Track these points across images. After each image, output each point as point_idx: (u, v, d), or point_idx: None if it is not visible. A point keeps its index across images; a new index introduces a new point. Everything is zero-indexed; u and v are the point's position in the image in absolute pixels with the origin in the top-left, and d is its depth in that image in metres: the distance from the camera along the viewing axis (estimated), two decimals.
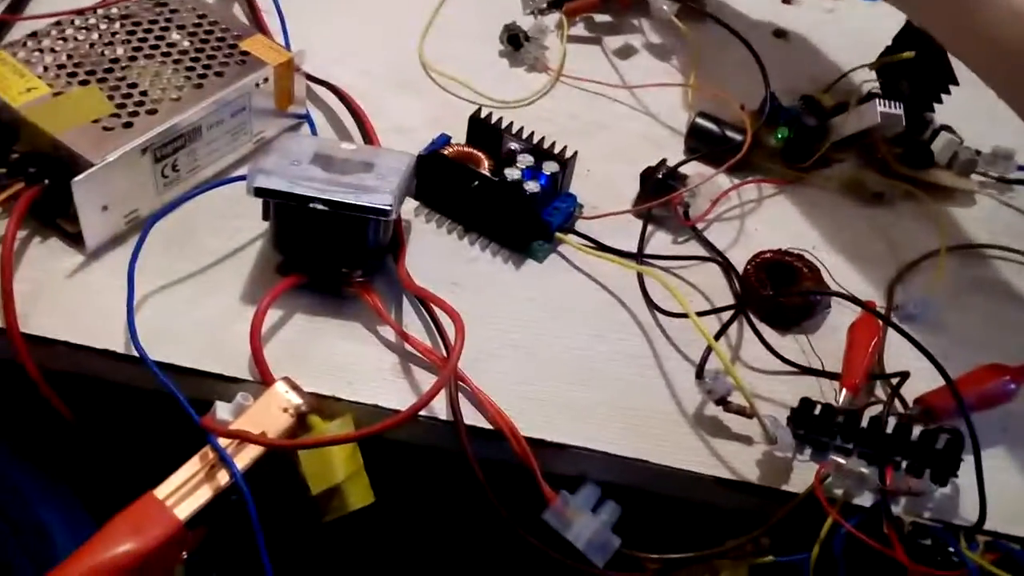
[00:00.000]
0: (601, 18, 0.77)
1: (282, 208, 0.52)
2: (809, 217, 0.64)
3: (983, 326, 0.59)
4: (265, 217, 0.52)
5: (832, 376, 0.54)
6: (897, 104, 0.62)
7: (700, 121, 0.66)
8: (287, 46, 0.66)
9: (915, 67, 0.66)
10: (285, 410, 0.48)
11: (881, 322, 0.55)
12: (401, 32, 0.73)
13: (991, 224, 0.66)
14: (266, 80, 0.58)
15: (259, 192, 0.51)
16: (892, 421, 0.50)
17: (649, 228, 0.61)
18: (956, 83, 0.66)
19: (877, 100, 0.61)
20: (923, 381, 0.53)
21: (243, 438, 0.45)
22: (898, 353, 0.55)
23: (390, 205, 0.50)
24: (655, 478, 0.50)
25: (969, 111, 0.71)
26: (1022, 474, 0.52)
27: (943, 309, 0.59)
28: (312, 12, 0.72)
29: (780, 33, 0.79)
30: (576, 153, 0.60)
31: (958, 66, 0.67)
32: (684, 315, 0.54)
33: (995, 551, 0.48)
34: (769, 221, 0.63)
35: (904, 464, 0.48)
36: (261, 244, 0.55)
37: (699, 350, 0.53)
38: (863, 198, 0.65)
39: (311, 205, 0.50)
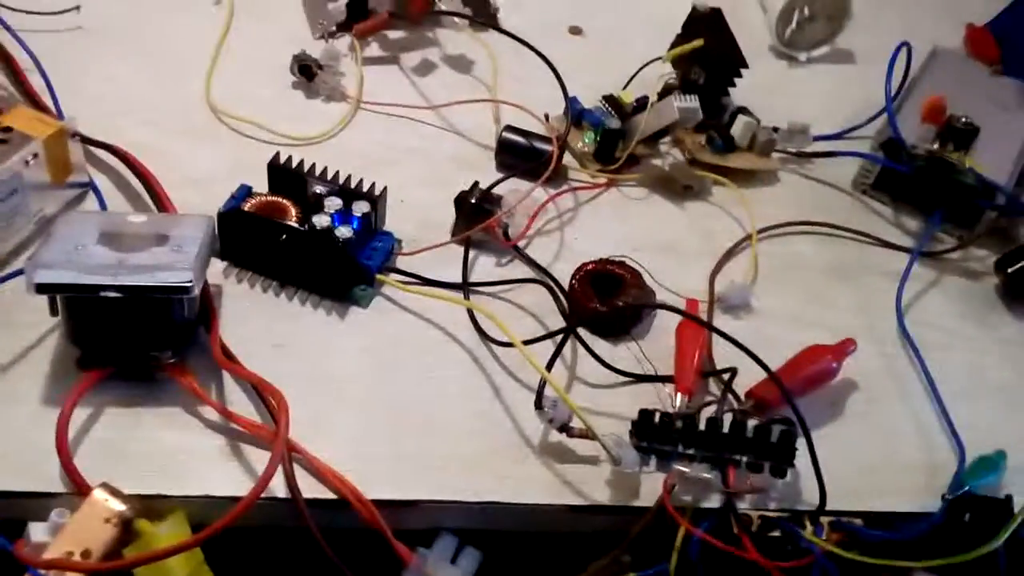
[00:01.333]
0: (395, 35, 0.75)
1: (72, 300, 0.48)
2: (626, 219, 0.65)
3: (804, 303, 0.61)
4: (53, 312, 0.48)
5: (667, 380, 0.54)
6: (692, 96, 0.63)
7: (507, 136, 0.65)
8: (57, 110, 0.61)
9: (706, 54, 0.68)
10: (108, 520, 0.44)
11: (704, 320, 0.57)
12: (184, 75, 0.68)
13: (797, 199, 0.68)
14: (35, 156, 0.53)
15: (41, 289, 0.46)
16: (729, 418, 0.51)
17: (472, 253, 0.60)
18: (746, 66, 0.68)
19: (673, 95, 0.62)
20: (756, 371, 0.53)
21: (62, 567, 0.41)
22: (729, 345, 0.57)
23: (190, 281, 0.47)
24: (508, 517, 0.49)
25: (762, 90, 0.74)
26: (856, 449, 0.54)
27: (763, 293, 0.61)
28: (82, 63, 0.67)
29: (576, 30, 0.79)
30: (386, 188, 0.58)
31: (747, 46, 0.70)
32: (531, 343, 0.53)
33: (840, 530, 0.50)
34: (589, 229, 0.64)
35: (744, 461, 0.50)
36: (56, 338, 0.51)
37: (537, 377, 0.53)
38: (675, 192, 0.66)
39: (102, 294, 0.46)
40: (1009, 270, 0.62)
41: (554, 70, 0.67)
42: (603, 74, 0.73)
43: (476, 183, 0.61)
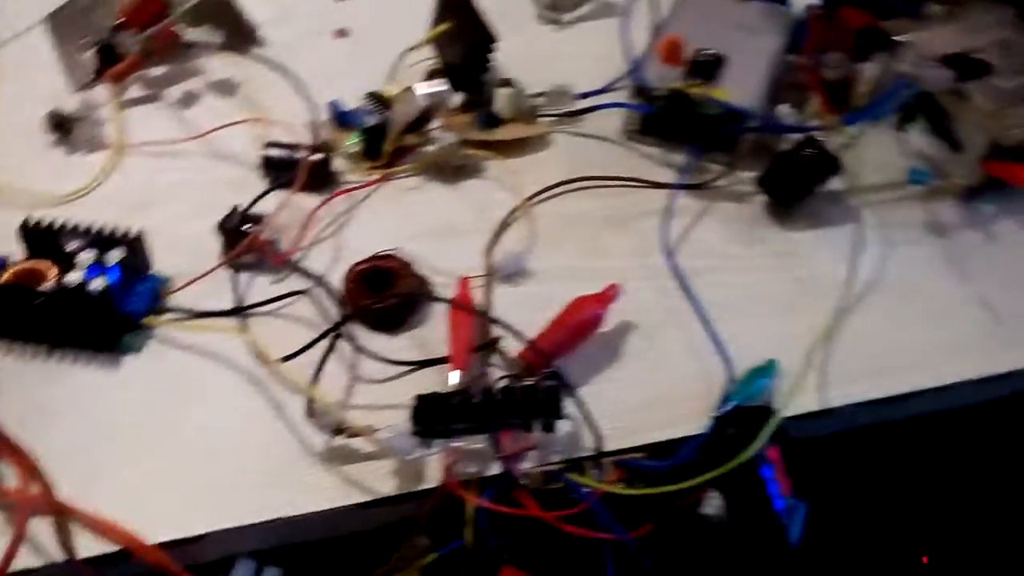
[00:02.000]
0: (157, 71, 0.74)
1: None
2: (403, 211, 0.66)
3: (581, 257, 0.63)
4: None
5: (443, 361, 0.56)
6: (441, 79, 0.64)
7: (268, 152, 0.65)
8: None
9: (458, 35, 0.69)
10: None
11: (472, 296, 0.58)
12: None
13: (571, 158, 0.69)
14: None
15: None
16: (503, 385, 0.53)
17: (247, 276, 0.61)
18: (496, 40, 0.69)
19: (416, 84, 0.63)
20: (533, 333, 0.56)
21: None
22: (505, 313, 0.58)
23: None
24: (302, 529, 0.50)
25: (531, 58, 0.75)
26: (637, 386, 0.56)
27: (541, 256, 0.63)
28: None
29: (342, 32, 0.79)
30: (141, 232, 0.58)
31: (513, 17, 0.70)
32: (293, 356, 0.55)
33: (621, 467, 0.52)
34: (365, 229, 0.64)
35: (516, 424, 0.51)
36: None
37: (322, 385, 0.54)
38: (449, 175, 0.68)
39: None
40: (767, 185, 0.64)
41: (302, 81, 0.68)
42: (372, 72, 0.73)
43: (235, 207, 0.61)
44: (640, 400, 0.55)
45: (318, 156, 0.65)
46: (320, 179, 0.65)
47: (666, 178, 0.67)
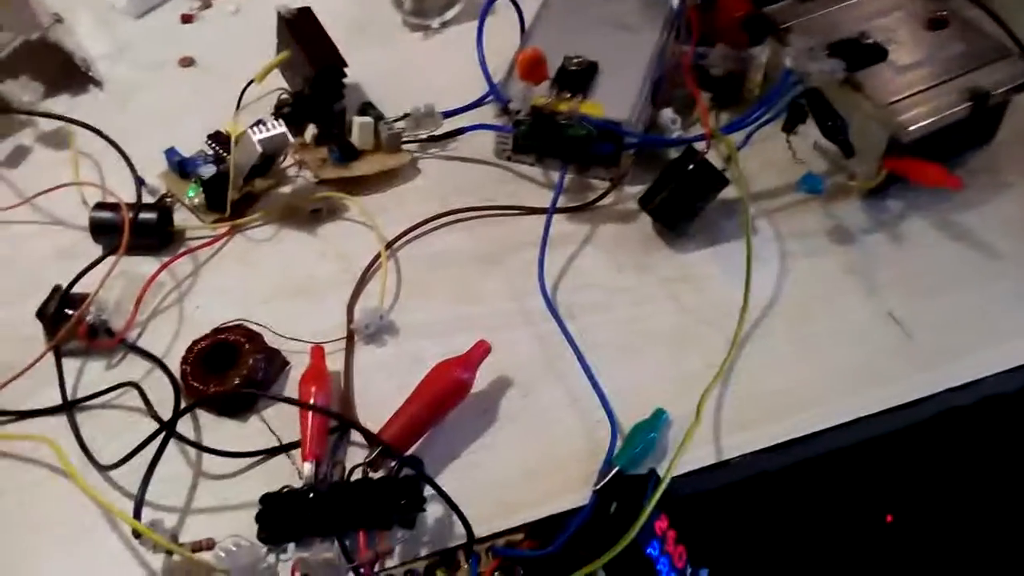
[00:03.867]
0: None
1: None
2: (254, 267, 0.59)
3: (452, 304, 0.57)
4: None
5: (295, 447, 0.50)
6: (276, 120, 0.57)
7: (95, 216, 0.58)
8: None
9: (305, 61, 0.62)
10: None
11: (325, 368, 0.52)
12: None
13: (442, 187, 0.63)
14: None
15: None
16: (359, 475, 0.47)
17: (78, 362, 0.54)
18: (345, 64, 0.62)
19: (251, 128, 0.56)
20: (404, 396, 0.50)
21: None
22: (370, 378, 0.53)
23: None
24: None
25: (399, 73, 0.69)
26: (514, 454, 0.50)
27: (407, 308, 0.57)
28: None
29: (187, 61, 0.72)
30: None
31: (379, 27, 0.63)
32: (117, 465, 0.49)
33: (497, 555, 0.47)
34: (212, 291, 0.58)
35: (371, 522, 0.45)
36: None
37: (164, 495, 0.48)
38: (303, 221, 0.61)
39: None
40: (650, 207, 0.59)
41: (106, 138, 0.62)
42: (220, 105, 0.66)
43: (57, 287, 0.55)
44: (517, 472, 0.50)
45: (149, 214, 0.58)
46: (159, 239, 0.59)
47: (546, 201, 0.61)
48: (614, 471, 0.48)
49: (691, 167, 0.56)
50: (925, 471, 0.57)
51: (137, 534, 0.45)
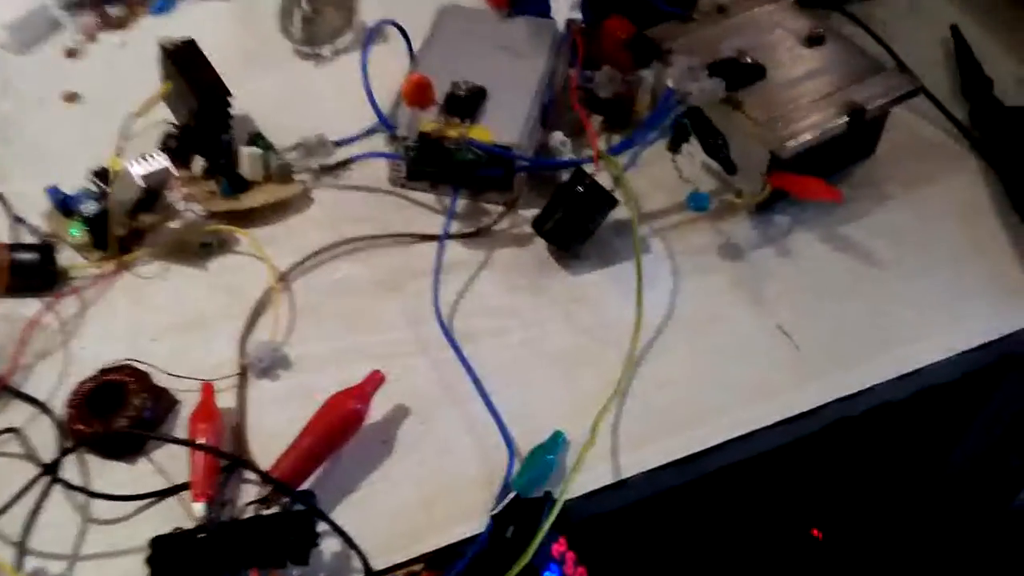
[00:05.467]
0: None
1: None
2: (143, 304, 0.58)
3: (347, 334, 0.57)
4: None
5: (185, 488, 0.49)
6: (158, 154, 0.56)
7: None
8: None
9: (187, 92, 0.61)
10: None
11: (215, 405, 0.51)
12: None
13: (336, 216, 0.63)
14: None
15: None
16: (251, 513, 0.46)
17: None
18: (229, 94, 0.61)
19: (131, 162, 0.55)
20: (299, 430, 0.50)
21: None
22: (263, 413, 0.52)
23: None
24: None
25: (291, 102, 0.68)
26: (413, 484, 0.50)
27: (303, 339, 0.56)
28: None
29: (71, 96, 0.70)
30: None
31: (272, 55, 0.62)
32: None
33: None
34: (99, 331, 0.56)
35: (265, 562, 0.45)
36: None
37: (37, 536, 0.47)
38: (193, 255, 0.60)
39: None
40: (542, 229, 0.59)
41: (22, 161, 0.61)
42: (105, 140, 0.64)
43: None
44: (415, 500, 0.49)
45: (29, 254, 0.56)
46: (43, 279, 0.57)
47: (441, 228, 0.61)
48: (511, 496, 0.47)
49: (580, 189, 0.57)
50: (822, 481, 0.59)
51: None
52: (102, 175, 0.60)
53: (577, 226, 0.58)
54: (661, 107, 0.58)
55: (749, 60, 0.61)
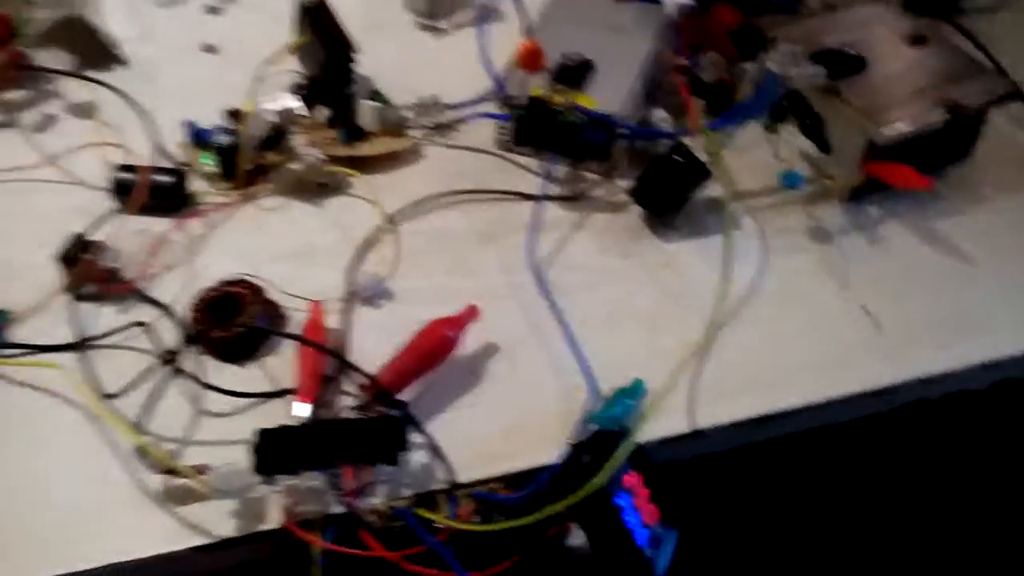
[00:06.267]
0: (13, 95, 0.71)
1: None
2: (262, 232, 0.63)
3: (448, 276, 0.60)
4: None
5: (290, 392, 0.53)
6: (293, 95, 0.61)
7: (118, 176, 0.62)
8: None
9: (318, 47, 0.66)
10: None
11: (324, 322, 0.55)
12: None
13: (442, 172, 0.67)
14: None
15: None
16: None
17: (93, 306, 0.57)
18: (354, 51, 0.66)
19: (264, 100, 0.60)
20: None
21: None
22: (365, 337, 0.56)
23: None
24: (140, 573, 0.47)
25: (408, 68, 0.73)
26: (497, 412, 0.53)
27: (406, 275, 0.60)
28: None
29: (209, 48, 0.76)
30: None
31: (394, 25, 0.66)
32: (119, 394, 0.52)
33: (475, 499, 0.49)
34: (221, 251, 0.61)
35: (357, 458, 0.48)
36: None
37: (163, 422, 0.51)
38: (312, 193, 0.65)
39: None
40: (638, 195, 0.62)
41: (135, 105, 0.67)
42: (238, 87, 0.69)
43: (77, 235, 0.58)
44: (499, 427, 0.53)
45: (166, 177, 0.62)
46: (174, 202, 0.62)
47: (540, 190, 0.65)
48: (590, 429, 0.50)
49: (678, 158, 0.60)
50: (894, 459, 0.60)
51: (141, 452, 0.48)
52: (234, 114, 0.65)
53: (672, 195, 0.61)
54: (763, 88, 0.60)
55: (852, 52, 0.64)
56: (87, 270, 0.56)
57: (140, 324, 0.55)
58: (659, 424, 0.52)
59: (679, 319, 0.58)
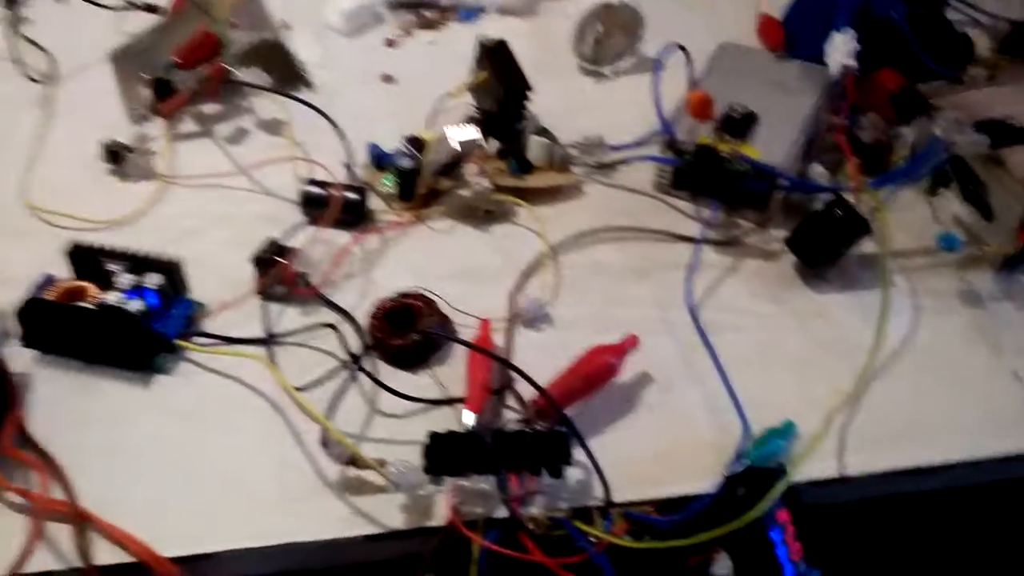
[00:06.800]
0: (211, 108, 0.78)
1: None
2: (432, 251, 0.67)
3: (603, 306, 0.64)
4: None
5: (459, 401, 0.57)
6: (472, 127, 0.66)
7: (307, 189, 0.68)
8: None
9: (496, 84, 0.71)
10: None
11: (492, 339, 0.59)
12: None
13: (601, 209, 0.70)
14: None
15: None
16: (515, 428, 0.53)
17: (278, 307, 0.62)
18: (530, 89, 0.71)
19: (448, 129, 0.65)
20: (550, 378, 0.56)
21: None
22: (524, 358, 0.59)
23: None
24: (307, 555, 0.51)
25: (571, 108, 0.77)
26: (650, 439, 0.56)
27: (564, 303, 0.63)
28: None
29: (388, 78, 0.82)
30: (180, 258, 0.60)
31: (557, 68, 0.71)
32: (309, 386, 0.56)
33: (629, 519, 0.52)
34: (394, 267, 0.66)
35: (523, 467, 0.51)
36: None
37: (342, 416, 0.55)
38: (479, 219, 0.69)
39: None
40: (794, 245, 0.64)
41: (331, 121, 0.72)
42: (413, 116, 0.75)
43: (271, 239, 0.63)
44: (652, 453, 0.55)
45: (353, 195, 0.67)
46: (355, 217, 0.67)
47: (695, 232, 0.68)
48: (744, 463, 0.53)
49: (838, 212, 0.62)
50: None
51: (325, 442, 0.52)
52: (413, 141, 0.70)
53: (829, 247, 0.63)
54: (927, 152, 0.62)
55: (1014, 123, 0.65)
56: (279, 273, 0.61)
57: (329, 326, 0.60)
58: (808, 466, 0.54)
59: (829, 367, 0.60)
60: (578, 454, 0.52)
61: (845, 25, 0.69)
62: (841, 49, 0.70)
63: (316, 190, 0.67)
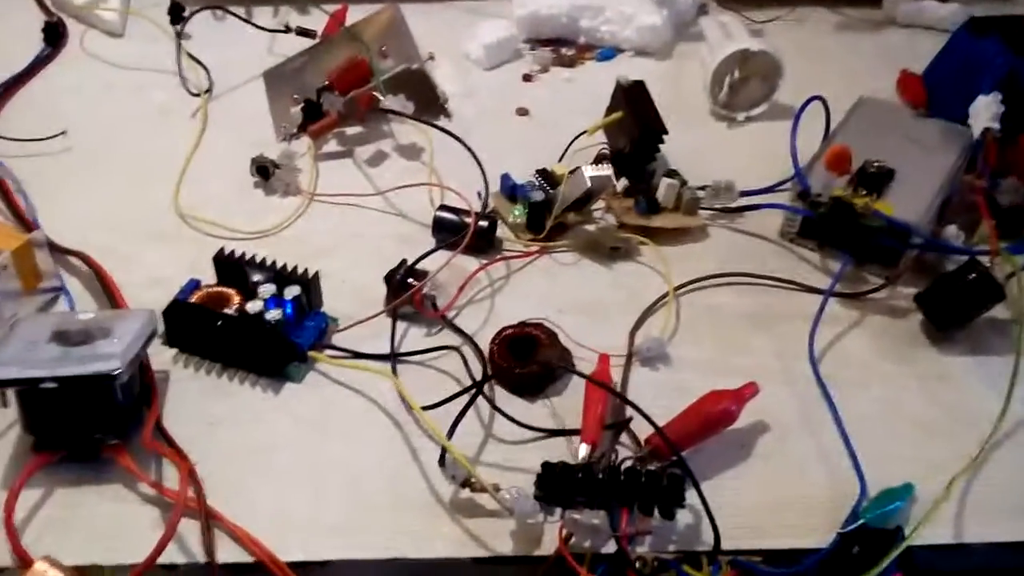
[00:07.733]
0: (353, 131, 0.81)
1: (22, 392, 0.54)
2: (555, 283, 0.69)
3: (721, 350, 0.64)
4: (5, 404, 0.54)
5: (575, 433, 0.57)
6: (606, 164, 0.67)
7: (440, 214, 0.70)
8: (35, 221, 0.69)
9: (630, 124, 0.72)
10: None
11: (611, 372, 0.60)
12: (155, 185, 0.76)
13: (725, 252, 0.71)
14: (4, 267, 0.61)
15: None
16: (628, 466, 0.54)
17: (404, 326, 0.65)
18: (665, 132, 0.72)
19: (584, 166, 0.67)
20: (664, 418, 0.57)
21: None
22: (640, 395, 0.60)
23: (117, 368, 0.53)
24: (418, 571, 0.53)
25: (701, 151, 0.78)
26: (763, 488, 0.56)
27: (682, 344, 0.64)
28: (64, 180, 0.76)
29: (523, 111, 0.84)
30: (317, 272, 0.63)
31: (690, 111, 0.72)
32: (434, 406, 0.58)
33: (737, 568, 0.52)
34: (517, 295, 0.68)
35: (636, 506, 0.52)
36: (17, 429, 0.57)
37: (458, 437, 0.57)
38: (603, 255, 0.70)
39: (42, 386, 0.52)
40: (925, 304, 0.63)
41: (474, 155, 0.75)
42: (545, 151, 0.77)
43: (404, 260, 0.66)
44: (765, 502, 0.55)
45: (484, 223, 0.69)
46: (483, 244, 0.69)
47: (820, 284, 0.67)
48: (860, 522, 0.52)
49: (973, 275, 0.61)
50: None
51: (443, 462, 0.54)
52: (544, 174, 0.72)
53: (960, 310, 0.62)
54: None
55: None
56: (408, 293, 0.64)
57: (454, 348, 0.62)
58: (925, 530, 0.53)
59: (951, 432, 0.58)
60: (689, 497, 0.53)
61: (991, 87, 0.68)
62: (986, 111, 0.69)
63: (448, 216, 0.70)
